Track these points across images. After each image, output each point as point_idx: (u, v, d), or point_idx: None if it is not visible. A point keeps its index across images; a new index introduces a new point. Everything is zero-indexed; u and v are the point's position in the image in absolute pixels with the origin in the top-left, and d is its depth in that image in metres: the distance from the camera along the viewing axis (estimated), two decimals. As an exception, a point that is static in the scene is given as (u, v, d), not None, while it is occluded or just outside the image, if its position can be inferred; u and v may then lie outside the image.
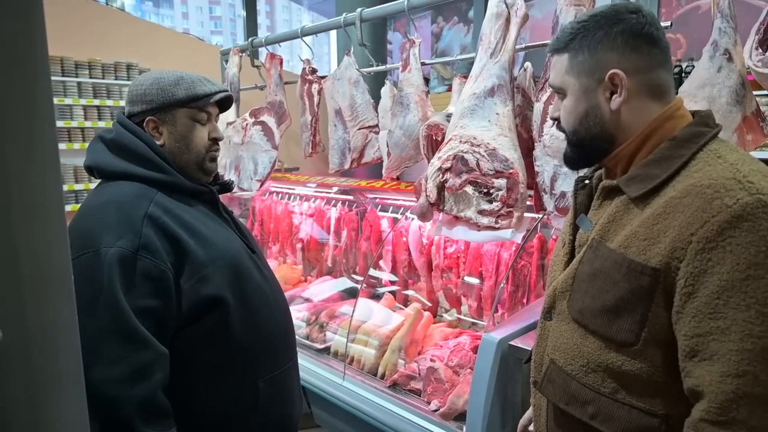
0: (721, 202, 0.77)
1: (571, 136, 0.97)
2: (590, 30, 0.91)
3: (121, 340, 1.07)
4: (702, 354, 0.78)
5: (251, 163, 2.95)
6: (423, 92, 2.29)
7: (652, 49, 0.89)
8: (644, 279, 0.83)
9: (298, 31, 2.85)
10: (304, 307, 2.67)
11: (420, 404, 1.88)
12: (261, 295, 1.30)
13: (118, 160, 1.23)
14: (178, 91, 1.25)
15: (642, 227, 0.85)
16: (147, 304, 1.11)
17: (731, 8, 1.46)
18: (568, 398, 0.95)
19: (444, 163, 1.83)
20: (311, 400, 2.33)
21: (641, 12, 0.89)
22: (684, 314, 0.80)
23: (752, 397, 0.73)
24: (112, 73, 3.97)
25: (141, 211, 1.16)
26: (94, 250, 1.10)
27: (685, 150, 0.86)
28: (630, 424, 0.87)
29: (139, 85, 1.28)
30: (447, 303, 2.44)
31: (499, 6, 1.87)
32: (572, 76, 0.94)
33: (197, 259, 1.18)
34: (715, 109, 1.45)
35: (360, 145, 2.63)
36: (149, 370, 1.09)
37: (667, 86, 0.91)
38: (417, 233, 2.43)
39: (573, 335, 0.95)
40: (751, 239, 0.74)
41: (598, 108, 0.92)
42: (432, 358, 1.97)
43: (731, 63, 1.44)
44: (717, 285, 0.76)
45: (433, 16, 6.05)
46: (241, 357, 1.24)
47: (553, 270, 1.06)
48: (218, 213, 1.35)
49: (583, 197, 1.03)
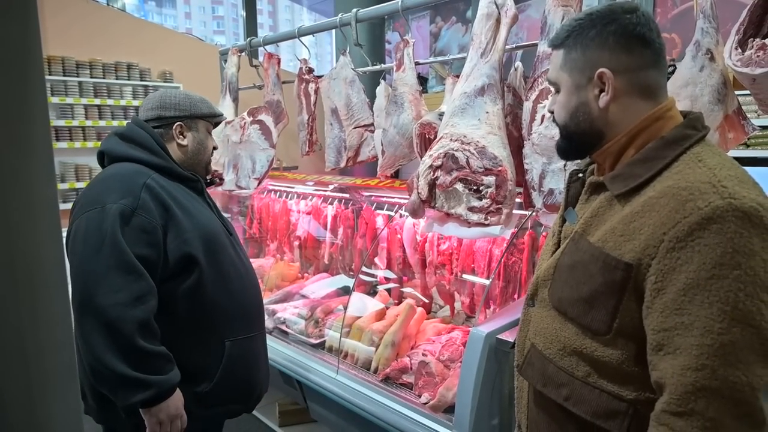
0: (694, 204, 0.80)
1: (563, 130, 1.01)
2: (585, 28, 0.94)
3: (123, 272, 1.32)
4: (666, 348, 0.81)
5: (249, 161, 2.99)
6: (417, 91, 2.32)
7: (643, 50, 0.91)
8: (617, 273, 0.86)
9: (295, 31, 2.88)
10: (301, 304, 2.71)
11: (411, 397, 1.91)
12: (233, 267, 1.56)
13: (126, 147, 1.52)
14: (204, 107, 1.64)
15: (620, 224, 0.88)
16: (141, 251, 1.36)
17: (713, 9, 1.49)
18: (545, 380, 1.00)
19: (435, 161, 1.86)
20: (307, 394, 2.36)
21: (637, 12, 0.91)
22: (653, 309, 0.83)
23: (710, 390, 0.77)
24: (113, 73, 4.01)
25: (141, 180, 1.44)
26: (100, 206, 1.37)
27: (670, 151, 0.88)
28: (599, 407, 0.91)
29: (172, 96, 1.60)
30: (441, 299, 2.47)
31: (489, 7, 1.90)
32: (565, 71, 0.97)
33: (181, 224, 1.45)
34: (697, 107, 1.48)
35: (356, 143, 2.66)
36: (145, 298, 1.34)
37: (657, 86, 0.94)
38: (411, 230, 2.47)
39: (552, 321, 1.00)
40: (718, 240, 0.77)
41: (588, 105, 0.95)
42: (424, 352, 2.00)
43: (713, 62, 1.47)
44: (684, 283, 0.79)
45: (432, 16, 6.08)
46: (214, 315, 1.49)
47: (542, 259, 1.11)
48: (204, 199, 1.63)
49: (575, 190, 1.06)
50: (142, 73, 4.16)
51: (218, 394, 1.51)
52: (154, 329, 1.37)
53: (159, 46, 4.36)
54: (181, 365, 1.43)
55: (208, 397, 1.49)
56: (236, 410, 1.59)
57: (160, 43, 4.39)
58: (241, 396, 1.58)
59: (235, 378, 1.54)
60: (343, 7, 3.56)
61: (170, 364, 1.39)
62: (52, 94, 3.73)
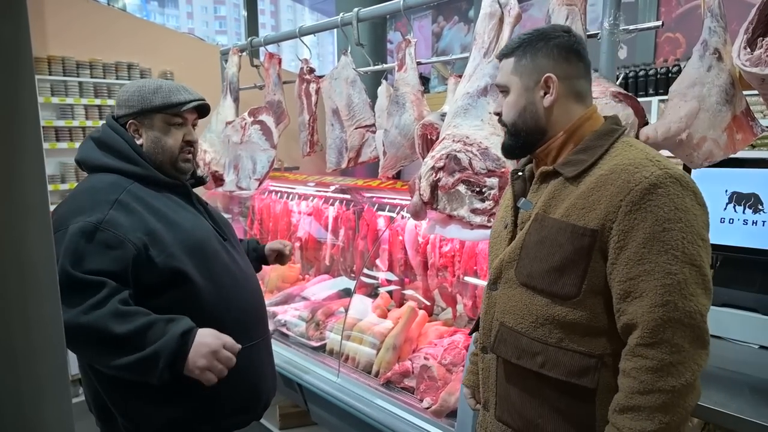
0: (641, 174, 0.99)
1: (511, 128, 1.17)
2: (533, 40, 1.13)
3: (75, 291, 1.23)
4: (633, 294, 0.98)
5: (250, 162, 2.96)
6: (419, 92, 2.29)
7: (578, 62, 1.13)
8: (585, 239, 1.03)
9: (296, 31, 2.86)
10: (302, 306, 2.69)
11: (413, 402, 1.89)
12: (229, 275, 1.47)
13: (102, 155, 1.42)
14: (156, 99, 1.45)
15: (580, 199, 1.05)
16: (101, 267, 1.27)
17: (721, 7, 1.46)
18: (519, 353, 1.12)
19: (437, 162, 1.84)
20: (307, 397, 2.34)
21: (572, 32, 1.14)
22: (617, 264, 1.00)
23: (674, 320, 0.94)
24: (113, 73, 3.99)
25: (112, 196, 1.35)
26: (64, 228, 1.28)
27: (605, 141, 1.09)
28: (573, 367, 1.05)
29: (125, 92, 1.47)
30: (443, 302, 2.45)
31: (492, 6, 1.87)
32: (516, 75, 1.14)
33: (163, 238, 1.36)
34: (705, 108, 1.46)
35: (357, 144, 2.64)
36: (108, 299, 1.25)
37: (586, 93, 1.15)
38: (413, 232, 2.44)
39: (521, 297, 1.13)
40: (664, 201, 0.96)
41: (534, 104, 1.13)
42: (426, 356, 1.98)
43: (721, 62, 1.45)
44: (642, 237, 0.97)
45: (434, 16, 6.06)
46: (211, 327, 1.37)
47: (495, 247, 1.25)
48: (191, 203, 1.52)
49: (518, 186, 1.22)
50: (143, 73, 4.14)
51: (224, 408, 1.43)
52: (128, 311, 1.26)
53: (159, 46, 4.34)
54: (181, 382, 1.34)
55: (214, 412, 1.42)
56: (245, 420, 1.52)
57: (161, 42, 4.37)
58: (248, 406, 1.51)
59: (241, 389, 1.46)
60: (344, 7, 3.54)
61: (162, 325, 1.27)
62: (52, 94, 3.71)
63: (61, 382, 0.63)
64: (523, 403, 1.14)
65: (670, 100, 1.51)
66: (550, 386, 1.09)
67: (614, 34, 1.63)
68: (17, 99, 0.59)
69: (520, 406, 1.14)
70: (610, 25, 1.63)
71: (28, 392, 0.59)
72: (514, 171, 1.24)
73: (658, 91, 3.64)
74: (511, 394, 1.16)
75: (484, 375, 1.24)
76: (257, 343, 1.53)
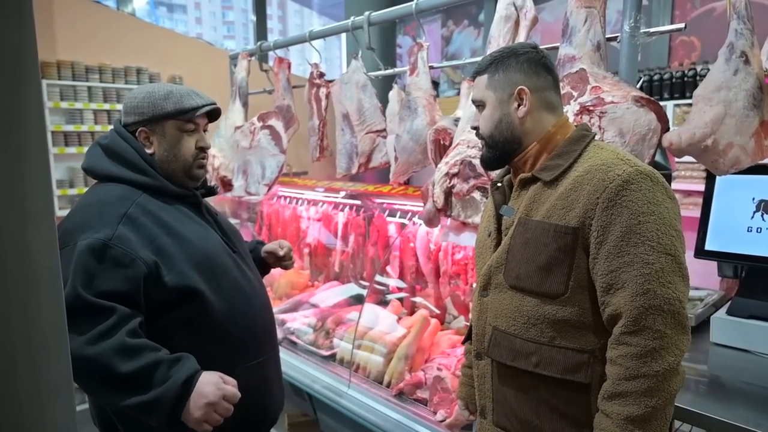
0: (614, 173, 1.05)
1: (488, 140, 1.22)
2: (504, 57, 1.20)
3: (84, 316, 1.19)
4: (615, 285, 1.03)
5: (259, 167, 2.94)
6: (431, 96, 2.26)
7: (547, 75, 1.20)
8: (567, 237, 1.08)
9: (306, 35, 2.83)
10: (311, 313, 2.65)
11: (426, 414, 1.84)
12: (238, 290, 1.42)
13: (110, 164, 1.36)
14: (167, 105, 1.38)
15: (559, 200, 1.10)
16: (113, 287, 1.22)
17: (748, 9, 1.41)
18: (513, 354, 1.16)
19: (451, 168, 1.80)
20: (317, 406, 2.30)
21: (537, 48, 1.22)
22: (599, 258, 1.06)
23: (654, 307, 1.00)
24: (122, 78, 3.99)
25: (121, 210, 1.30)
26: (72, 244, 1.23)
27: (577, 146, 1.15)
28: (567, 364, 1.09)
29: (133, 98, 1.39)
30: (455, 310, 2.40)
31: (508, 9, 1.84)
32: (490, 90, 1.21)
33: (173, 255, 1.30)
34: (731, 113, 1.41)
35: (367, 149, 2.60)
36: (116, 328, 1.20)
37: (557, 104, 1.22)
38: (425, 239, 2.40)
39: (512, 300, 1.17)
40: (637, 196, 1.03)
41: (509, 116, 1.19)
42: (439, 366, 1.93)
43: (748, 66, 1.39)
44: (619, 231, 1.03)
45: (444, 20, 6.02)
46: (219, 344, 1.36)
47: (482, 256, 1.29)
48: (200, 215, 1.46)
49: (498, 196, 1.27)
50: (152, 77, 4.13)
51: (232, 426, 1.37)
52: (134, 345, 1.21)
53: (168, 51, 4.33)
54: None
55: (220, 428, 1.36)
56: None
57: (170, 47, 4.36)
58: (254, 423, 1.47)
59: (249, 406, 1.40)
60: (354, 11, 3.51)
61: (166, 369, 1.22)
62: (61, 99, 3.70)
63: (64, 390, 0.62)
64: (520, 405, 1.16)
65: (694, 105, 1.46)
66: (545, 385, 1.12)
67: (635, 37, 1.58)
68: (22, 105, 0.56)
69: (517, 408, 1.17)
70: (631, 28, 1.59)
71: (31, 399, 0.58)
72: (493, 183, 1.30)
73: (673, 96, 3.58)
74: (508, 398, 1.19)
75: (480, 381, 1.26)
76: (265, 360, 1.48)
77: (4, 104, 0.55)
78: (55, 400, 0.61)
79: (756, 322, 1.55)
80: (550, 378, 1.11)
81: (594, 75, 1.57)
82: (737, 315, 1.59)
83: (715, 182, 1.73)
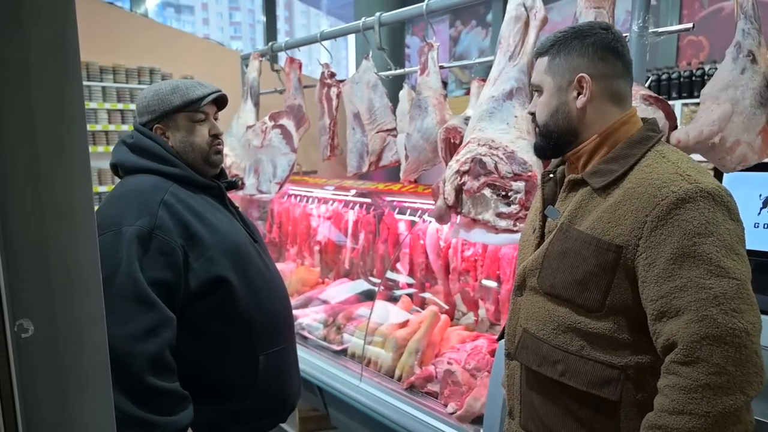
0: (668, 189, 0.95)
1: (543, 128, 1.13)
2: (567, 39, 1.09)
3: (135, 303, 1.22)
4: (668, 314, 0.92)
5: (270, 165, 2.98)
6: (441, 95, 2.29)
7: (616, 61, 1.07)
8: (609, 255, 0.99)
9: (317, 36, 2.88)
10: (322, 309, 2.69)
11: (437, 407, 1.88)
12: (262, 279, 1.46)
13: (138, 158, 1.41)
14: (175, 99, 1.42)
15: (606, 212, 1.01)
16: (159, 275, 1.27)
17: (755, 9, 1.44)
18: (540, 360, 1.09)
19: (462, 166, 1.83)
20: (328, 401, 2.34)
21: (611, 29, 1.08)
22: (648, 282, 0.95)
23: (712, 337, 0.87)
24: (136, 78, 4.05)
25: (158, 197, 1.33)
26: (116, 228, 1.27)
27: (638, 150, 1.03)
28: (594, 377, 1.01)
29: (143, 98, 1.46)
30: (464, 306, 2.43)
31: (518, 9, 1.87)
32: (549, 75, 1.10)
33: (204, 242, 1.34)
34: (738, 111, 1.44)
35: (378, 148, 2.64)
36: (157, 331, 1.23)
37: (625, 95, 1.09)
38: (434, 236, 2.43)
39: (545, 304, 1.10)
40: (693, 215, 0.92)
41: (567, 105, 1.09)
42: (449, 361, 1.97)
43: (755, 65, 1.42)
44: (670, 253, 0.92)
45: (451, 20, 6.05)
46: (245, 331, 1.40)
47: (523, 252, 1.22)
48: (225, 206, 1.51)
49: (549, 188, 1.18)
50: (164, 77, 4.20)
51: (254, 410, 1.43)
52: (168, 363, 1.26)
53: (181, 51, 4.39)
54: (216, 384, 1.37)
55: (243, 414, 1.42)
56: (271, 423, 1.52)
57: (182, 48, 4.42)
58: (276, 410, 1.51)
59: (271, 392, 1.46)
60: (363, 12, 3.55)
61: (183, 403, 1.28)
62: (76, 99, 3.77)
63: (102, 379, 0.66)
64: (546, 412, 1.11)
65: (702, 103, 1.50)
66: (571, 396, 1.06)
67: (643, 37, 1.61)
68: (67, 100, 0.60)
69: (543, 414, 1.12)
70: (639, 27, 1.62)
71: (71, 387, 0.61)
72: (545, 172, 1.20)
73: (681, 95, 3.60)
74: (535, 402, 1.14)
75: (510, 382, 1.22)
76: (285, 348, 1.52)
77: (54, 105, 0.59)
78: (93, 386, 0.64)
79: (764, 317, 1.58)
80: (575, 389, 1.04)
81: (603, 74, 1.60)
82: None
83: (722, 179, 1.76)
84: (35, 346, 0.58)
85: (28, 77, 0.56)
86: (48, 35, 0.58)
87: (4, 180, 0.55)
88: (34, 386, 0.58)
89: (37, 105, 0.57)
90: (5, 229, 0.56)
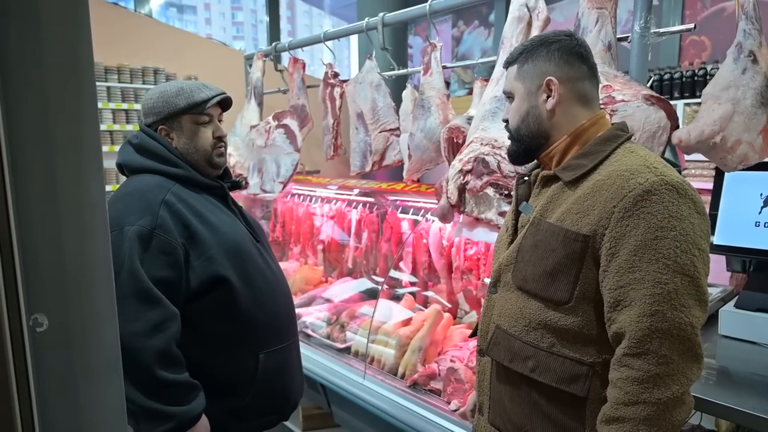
0: (635, 180, 0.98)
1: (515, 133, 1.17)
2: (535, 46, 1.14)
3: (138, 300, 1.26)
4: (623, 302, 0.97)
5: (274, 165, 3.00)
6: (444, 95, 2.31)
7: (581, 65, 1.12)
8: (577, 245, 1.03)
9: (320, 36, 2.89)
10: (325, 308, 2.71)
11: (440, 404, 1.89)
12: (263, 278, 1.49)
13: (142, 159, 1.45)
14: (179, 101, 1.45)
15: (575, 204, 1.05)
16: (161, 274, 1.30)
17: (756, 10, 1.45)
18: (511, 356, 1.13)
19: (465, 165, 1.84)
20: (331, 399, 2.35)
21: (574, 36, 1.14)
22: (609, 272, 0.99)
23: (661, 331, 0.93)
24: (140, 78, 4.08)
25: (159, 197, 1.36)
26: (119, 228, 1.30)
27: (607, 147, 1.08)
28: (563, 373, 1.05)
29: (149, 99, 1.49)
30: (467, 305, 2.45)
31: (520, 10, 1.88)
32: (519, 81, 1.16)
33: (204, 241, 1.37)
34: (739, 111, 1.44)
35: (381, 147, 2.65)
36: (163, 326, 1.28)
37: (592, 97, 1.14)
38: (437, 235, 2.45)
39: (517, 300, 1.13)
40: (658, 208, 0.95)
41: (537, 108, 1.13)
42: (452, 358, 1.98)
43: (756, 65, 1.43)
44: (633, 245, 0.96)
45: (454, 20, 6.06)
46: (245, 329, 1.42)
47: (498, 251, 1.27)
48: (227, 206, 1.54)
49: (522, 190, 1.22)
50: (168, 77, 4.22)
51: (255, 408, 1.46)
52: (176, 356, 1.30)
53: (185, 51, 4.41)
54: (216, 382, 1.40)
55: (245, 411, 1.44)
56: (273, 421, 1.54)
57: (186, 48, 4.44)
58: (277, 407, 1.53)
59: (272, 390, 1.48)
60: (366, 12, 3.56)
61: (194, 392, 1.32)
62: (80, 99, 3.79)
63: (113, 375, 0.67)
64: (514, 408, 1.14)
65: (703, 103, 1.51)
66: (540, 392, 1.09)
67: (645, 37, 1.63)
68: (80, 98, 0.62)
69: (511, 411, 1.15)
70: (641, 28, 1.63)
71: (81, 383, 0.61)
72: (520, 176, 1.25)
73: (683, 95, 3.61)
74: (503, 398, 1.17)
75: (480, 378, 1.25)
76: (288, 345, 1.54)
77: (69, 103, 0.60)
78: (106, 380, 0.66)
79: (763, 314, 1.59)
80: (544, 385, 1.07)
81: (605, 74, 1.61)
82: (745, 308, 1.63)
83: (723, 178, 1.77)
84: (50, 340, 0.59)
85: (44, 76, 0.57)
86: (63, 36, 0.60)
87: (21, 176, 0.56)
88: (49, 379, 0.59)
89: (52, 102, 0.58)
90: (22, 225, 0.57)
